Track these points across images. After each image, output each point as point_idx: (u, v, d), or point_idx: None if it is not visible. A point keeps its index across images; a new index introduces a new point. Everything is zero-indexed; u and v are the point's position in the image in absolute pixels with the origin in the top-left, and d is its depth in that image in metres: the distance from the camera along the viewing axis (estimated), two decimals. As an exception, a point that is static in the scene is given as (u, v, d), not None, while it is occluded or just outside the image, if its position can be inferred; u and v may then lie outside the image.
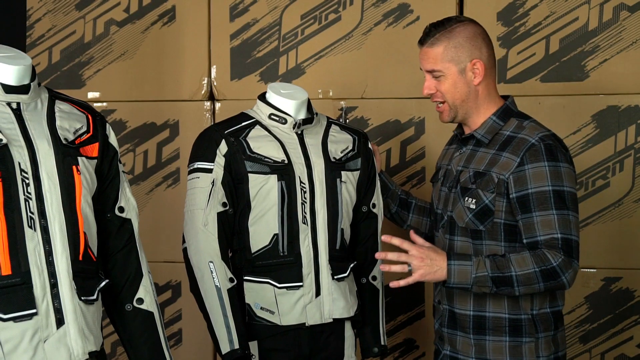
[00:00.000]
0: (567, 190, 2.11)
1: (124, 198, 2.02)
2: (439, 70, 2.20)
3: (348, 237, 2.38)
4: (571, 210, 2.11)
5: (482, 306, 2.20)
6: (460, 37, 2.18)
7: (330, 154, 2.35)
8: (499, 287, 2.10)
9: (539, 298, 2.18)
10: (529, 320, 2.18)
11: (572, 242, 2.10)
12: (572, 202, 2.12)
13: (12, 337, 1.74)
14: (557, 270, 2.07)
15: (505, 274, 2.09)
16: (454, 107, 2.22)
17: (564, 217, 2.10)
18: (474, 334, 2.21)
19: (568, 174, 2.13)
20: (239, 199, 2.27)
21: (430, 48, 2.20)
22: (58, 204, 1.82)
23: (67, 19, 3.17)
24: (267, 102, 2.35)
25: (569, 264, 2.08)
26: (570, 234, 2.10)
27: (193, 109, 3.07)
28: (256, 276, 2.27)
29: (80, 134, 1.94)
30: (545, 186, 2.10)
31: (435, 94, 2.23)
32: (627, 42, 2.81)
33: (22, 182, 1.78)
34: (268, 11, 3.03)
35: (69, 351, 1.81)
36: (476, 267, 2.09)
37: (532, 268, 2.08)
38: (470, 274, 2.09)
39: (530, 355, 2.17)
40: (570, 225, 2.10)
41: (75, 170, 1.87)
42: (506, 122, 2.21)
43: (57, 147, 1.85)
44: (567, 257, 2.08)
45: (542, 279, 2.08)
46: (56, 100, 1.94)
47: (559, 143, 2.17)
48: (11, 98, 1.83)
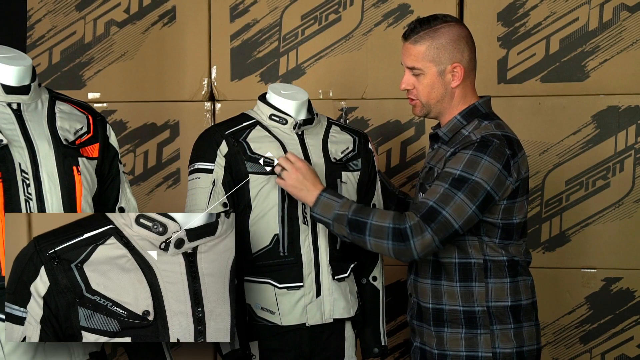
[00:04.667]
0: (474, 180, 2.09)
1: (124, 198, 2.03)
2: (419, 68, 2.22)
3: (348, 238, 2.38)
4: (464, 195, 2.09)
5: (439, 299, 2.22)
6: (444, 39, 2.20)
7: (331, 155, 2.35)
8: (352, 231, 2.13)
9: (496, 291, 2.19)
10: (484, 313, 2.18)
11: (438, 215, 2.08)
12: (471, 191, 2.09)
13: (13, 337, 1.73)
14: (407, 232, 2.08)
15: (361, 220, 2.13)
16: (427, 106, 2.26)
17: (449, 194, 2.09)
18: (434, 326, 2.24)
19: (487, 168, 2.10)
20: (239, 200, 2.27)
21: (413, 45, 2.22)
22: (58, 204, 1.82)
23: (67, 19, 3.17)
24: (267, 102, 2.35)
25: (420, 230, 2.08)
26: (443, 208, 2.08)
27: (193, 110, 3.07)
28: (257, 276, 2.27)
29: (81, 135, 1.94)
30: (455, 169, 2.12)
31: (412, 90, 2.26)
32: (627, 42, 2.82)
33: (22, 182, 1.78)
34: (268, 12, 3.03)
35: (69, 351, 1.81)
36: (341, 205, 2.15)
37: (388, 223, 2.11)
38: (334, 209, 2.15)
39: (486, 347, 2.18)
40: (449, 202, 2.08)
41: (76, 171, 1.87)
42: (469, 121, 2.23)
43: (58, 147, 1.86)
44: (422, 223, 2.08)
45: (391, 236, 2.10)
46: (56, 101, 1.95)
47: (505, 144, 2.14)
48: (11, 99, 1.84)
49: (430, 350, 2.25)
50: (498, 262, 2.19)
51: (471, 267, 2.19)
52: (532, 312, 2.25)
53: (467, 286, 2.19)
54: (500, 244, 2.19)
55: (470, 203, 2.09)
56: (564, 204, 2.87)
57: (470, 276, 2.19)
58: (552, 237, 2.88)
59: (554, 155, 2.86)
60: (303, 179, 2.17)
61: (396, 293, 2.95)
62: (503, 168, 2.12)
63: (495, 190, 2.11)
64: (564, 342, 2.89)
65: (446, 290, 2.21)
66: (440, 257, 2.21)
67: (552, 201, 2.88)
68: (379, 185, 2.47)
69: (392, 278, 2.93)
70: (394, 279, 2.95)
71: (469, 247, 2.18)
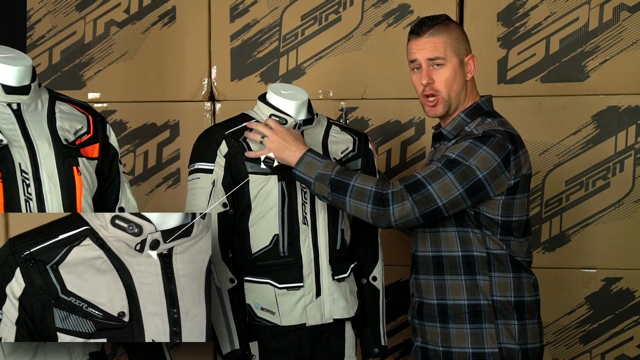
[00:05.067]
0: (468, 165, 2.10)
1: (124, 199, 2.03)
2: (442, 57, 2.20)
3: (348, 238, 2.38)
4: (454, 176, 2.09)
5: (444, 294, 2.22)
6: (457, 32, 2.24)
7: (331, 155, 2.35)
8: (333, 191, 2.14)
9: (499, 285, 2.19)
10: (489, 306, 2.18)
11: (422, 188, 2.09)
12: (462, 174, 2.09)
13: (13, 337, 1.74)
14: (388, 197, 2.10)
15: (344, 180, 2.14)
16: (448, 99, 2.23)
17: (439, 172, 2.10)
18: (440, 322, 2.23)
19: (484, 157, 2.11)
20: (239, 200, 2.27)
21: (433, 37, 2.21)
22: (58, 204, 1.82)
23: (67, 19, 3.17)
24: (267, 102, 2.35)
25: (401, 198, 2.09)
26: (429, 183, 2.10)
27: (193, 110, 3.07)
28: (256, 277, 2.27)
29: (81, 135, 1.94)
30: (452, 153, 2.13)
31: (432, 85, 2.22)
32: (627, 42, 2.82)
33: (22, 182, 1.78)
34: (268, 12, 3.03)
35: (69, 351, 1.81)
36: (325, 165, 2.17)
37: (370, 186, 2.12)
38: (317, 169, 2.16)
39: (491, 342, 2.18)
40: (437, 179, 2.10)
41: (76, 171, 1.87)
42: (473, 119, 2.23)
43: (58, 147, 1.86)
44: (405, 191, 2.09)
45: (372, 200, 2.11)
46: (56, 101, 1.95)
47: (507, 139, 2.14)
48: (11, 99, 1.84)
49: (434, 347, 2.25)
50: (500, 255, 2.19)
51: (474, 259, 2.19)
52: (535, 310, 2.26)
53: (472, 279, 2.19)
54: (501, 238, 2.19)
55: (458, 185, 2.09)
56: (564, 204, 2.87)
57: (474, 269, 2.19)
58: (552, 237, 2.88)
59: (554, 155, 2.86)
60: (283, 141, 2.19)
61: (396, 293, 2.95)
62: (502, 161, 2.12)
63: (487, 180, 2.11)
64: (564, 342, 2.89)
65: (451, 285, 2.21)
66: (443, 251, 2.21)
67: (552, 201, 2.88)
68: (379, 185, 2.47)
69: (392, 278, 2.93)
70: (394, 279, 2.95)
71: (472, 239, 2.18)
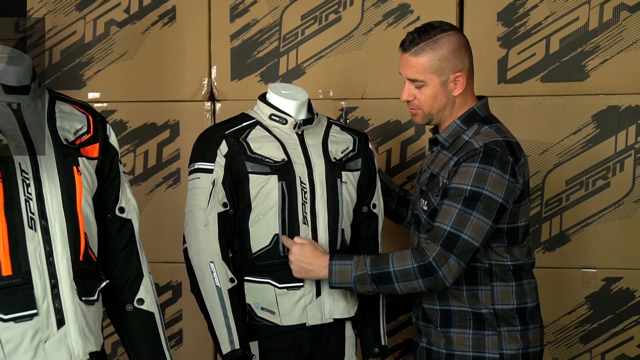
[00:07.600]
0: (486, 194, 2.09)
1: (124, 198, 2.03)
2: (421, 80, 2.21)
3: (349, 238, 2.38)
4: (479, 212, 2.08)
5: (446, 301, 2.22)
6: (445, 49, 2.18)
7: (331, 154, 2.35)
8: (378, 284, 2.12)
9: (501, 294, 2.19)
10: (491, 315, 2.19)
11: (458, 240, 2.08)
12: (485, 206, 2.08)
13: (13, 337, 1.74)
14: (432, 265, 2.08)
15: (383, 270, 2.11)
16: (429, 115, 2.26)
17: (464, 215, 2.08)
18: (442, 327, 2.24)
19: (496, 180, 2.10)
20: (239, 200, 2.27)
21: (414, 57, 2.19)
22: (58, 204, 1.82)
23: (67, 19, 3.17)
24: (267, 102, 2.35)
25: (444, 259, 2.08)
26: (461, 231, 2.08)
27: (193, 110, 3.07)
28: (257, 276, 2.27)
29: (81, 135, 1.94)
30: (465, 185, 2.11)
31: (413, 101, 2.25)
32: (627, 42, 2.81)
33: (22, 182, 1.78)
34: (268, 11, 3.03)
35: (70, 351, 1.81)
36: (356, 266, 2.14)
37: (410, 264, 2.10)
38: (351, 273, 2.13)
39: (493, 348, 2.19)
40: (466, 224, 2.08)
41: (76, 171, 1.87)
42: (469, 126, 2.23)
43: (58, 147, 1.86)
44: (444, 251, 2.07)
45: (419, 275, 2.09)
46: (56, 101, 1.95)
47: (507, 151, 2.14)
48: (12, 99, 1.84)
49: (438, 350, 2.26)
50: (503, 266, 2.19)
51: (477, 271, 2.19)
52: (537, 314, 2.27)
53: (473, 289, 2.20)
54: (505, 248, 2.19)
55: (486, 219, 2.09)
56: (564, 204, 2.87)
57: (475, 280, 2.19)
58: (552, 237, 2.88)
59: (554, 155, 2.86)
60: (305, 264, 2.18)
61: (396, 293, 2.94)
62: (510, 176, 2.12)
63: (506, 200, 2.12)
64: (564, 342, 2.89)
65: (453, 293, 2.21)
66: None
67: (552, 201, 2.88)
68: (379, 184, 2.47)
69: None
70: (394, 278, 2.94)
71: None
